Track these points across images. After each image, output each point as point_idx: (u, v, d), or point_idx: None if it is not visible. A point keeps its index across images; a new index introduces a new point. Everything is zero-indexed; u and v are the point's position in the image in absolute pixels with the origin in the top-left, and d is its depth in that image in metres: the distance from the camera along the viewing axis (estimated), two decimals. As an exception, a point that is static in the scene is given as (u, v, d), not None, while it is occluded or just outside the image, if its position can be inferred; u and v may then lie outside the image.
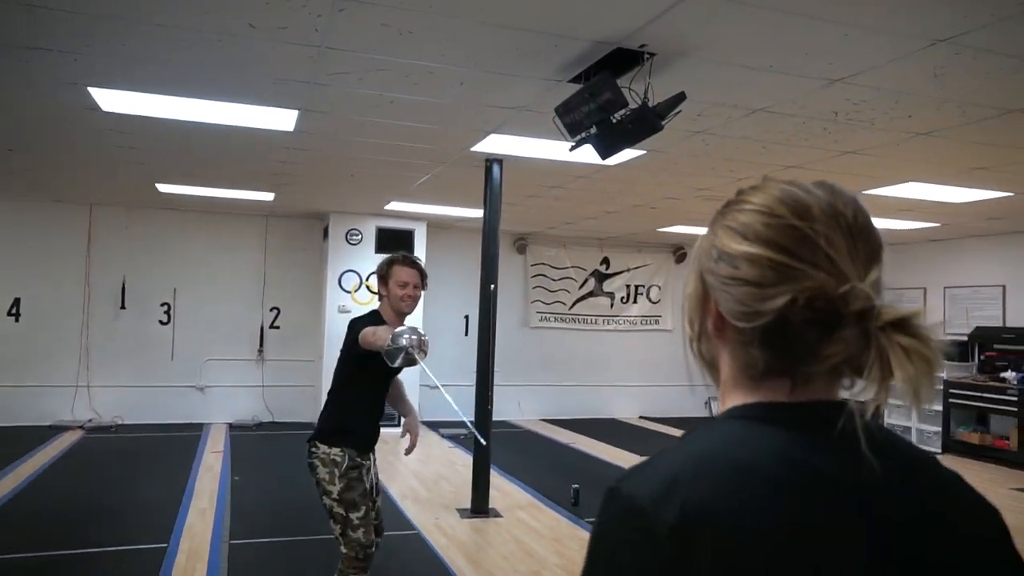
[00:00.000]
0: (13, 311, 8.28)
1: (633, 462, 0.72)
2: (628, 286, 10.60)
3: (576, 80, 3.43)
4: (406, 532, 4.83)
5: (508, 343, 9.16)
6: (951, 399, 8.15)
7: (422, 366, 2.75)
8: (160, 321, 8.79)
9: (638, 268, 10.60)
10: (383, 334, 2.79)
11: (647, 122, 3.03)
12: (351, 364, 3.04)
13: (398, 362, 2.75)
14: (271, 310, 9.19)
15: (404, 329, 2.78)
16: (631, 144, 3.30)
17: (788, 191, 0.72)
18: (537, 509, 5.55)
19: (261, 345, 9.10)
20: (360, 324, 2.99)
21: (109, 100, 4.15)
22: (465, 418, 4.26)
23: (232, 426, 8.68)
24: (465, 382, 6.13)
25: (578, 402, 10.24)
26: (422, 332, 2.80)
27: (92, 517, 4.96)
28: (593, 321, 10.44)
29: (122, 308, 8.59)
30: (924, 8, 2.61)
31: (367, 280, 8.66)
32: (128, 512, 5.14)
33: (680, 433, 0.78)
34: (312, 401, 8.44)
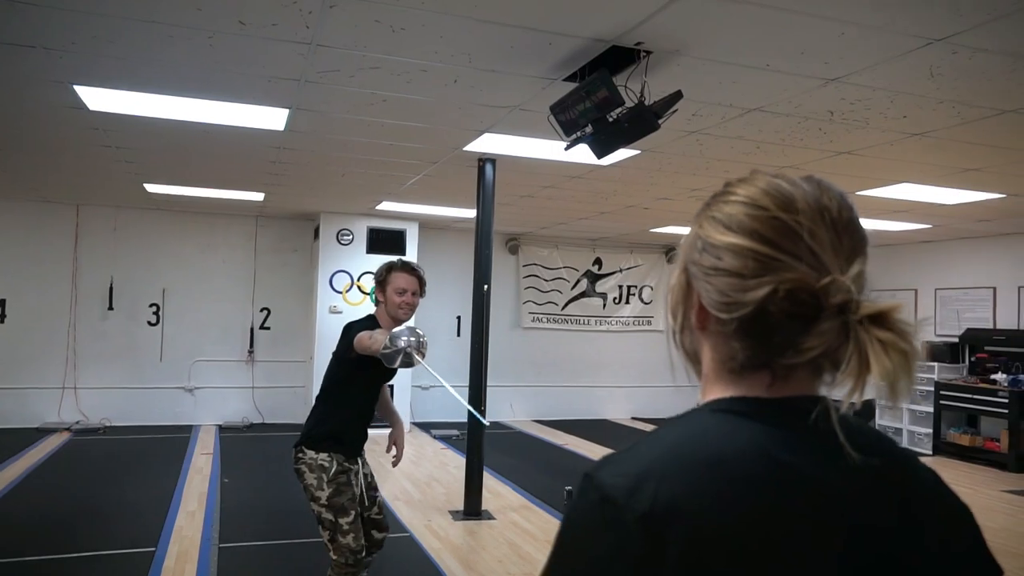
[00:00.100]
0: (-1, 312, 8.19)
1: None
2: (620, 287, 10.59)
3: (571, 79, 3.39)
4: (398, 535, 4.78)
5: (500, 344, 9.11)
6: (942, 401, 8.17)
7: (423, 364, 2.71)
8: (149, 322, 8.70)
9: (630, 269, 10.59)
10: (380, 338, 2.75)
11: (644, 121, 3.00)
12: (343, 368, 3.00)
13: (396, 363, 2.71)
14: (261, 311, 9.12)
15: (402, 330, 2.74)
16: (627, 143, 3.27)
17: (774, 183, 0.73)
18: (530, 511, 5.52)
19: (251, 346, 9.03)
20: (356, 328, 2.95)
21: (96, 99, 4.08)
22: (470, 407, 4.29)
23: (222, 428, 8.60)
24: (457, 383, 6.07)
25: (570, 403, 10.22)
26: (421, 333, 2.76)
27: (79, 520, 4.89)
28: (585, 322, 10.42)
29: (110, 309, 8.51)
30: (921, 7, 2.59)
31: (358, 280, 8.61)
32: (116, 515, 5.07)
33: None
34: (303, 402, 8.38)
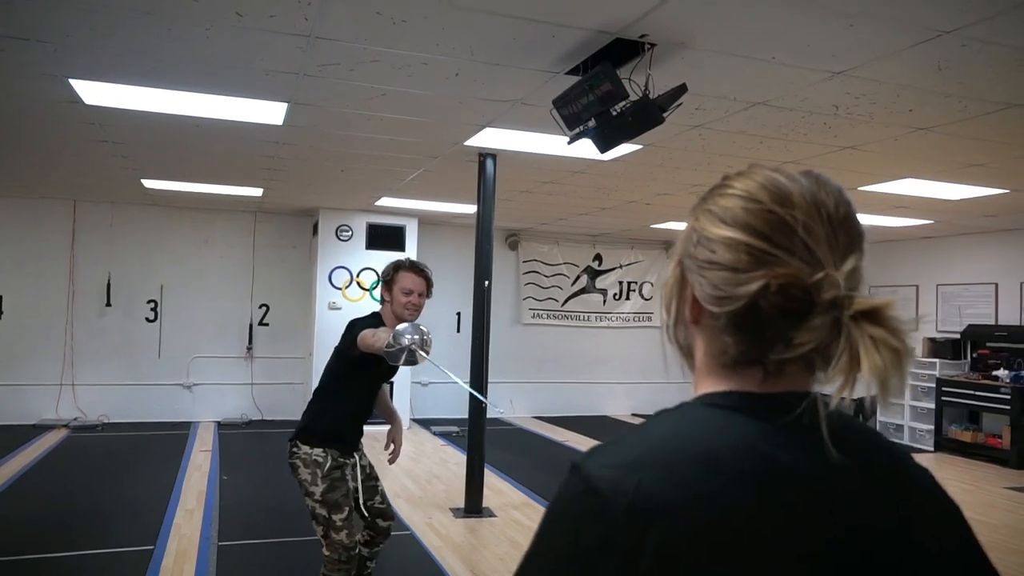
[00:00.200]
0: (-4, 308, 8.15)
1: None
2: (621, 283, 10.55)
3: (573, 72, 3.35)
4: (399, 533, 4.73)
5: (500, 340, 9.07)
6: (943, 397, 8.14)
7: (428, 360, 2.68)
8: (147, 318, 8.66)
9: (630, 265, 10.56)
10: (383, 336, 2.72)
11: (648, 115, 2.95)
12: (344, 365, 2.98)
13: (400, 361, 2.68)
14: (260, 307, 9.08)
15: (406, 327, 2.70)
16: (631, 137, 3.22)
17: (771, 178, 0.72)
18: (531, 508, 5.49)
19: (250, 342, 8.99)
20: (359, 326, 2.93)
21: (92, 93, 4.03)
22: (477, 393, 4.26)
23: (220, 424, 8.57)
24: (457, 378, 6.05)
25: (570, 399, 10.19)
26: (425, 330, 2.73)
27: (77, 518, 4.85)
28: (585, 318, 10.38)
29: (107, 305, 8.46)
30: (932, -2, 2.55)
31: (357, 277, 8.57)
32: (114, 513, 5.03)
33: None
34: (302, 399, 8.31)
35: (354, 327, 2.95)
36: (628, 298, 10.59)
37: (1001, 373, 7.70)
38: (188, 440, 7.62)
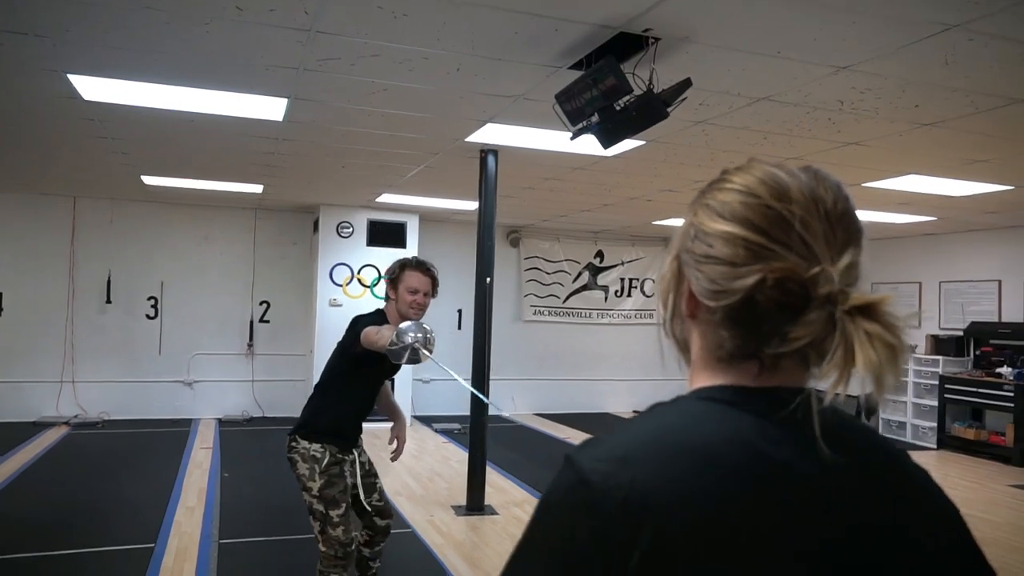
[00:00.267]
0: (-4, 305, 8.13)
1: None
2: (622, 279, 10.53)
3: (576, 67, 3.32)
4: (401, 531, 4.73)
5: (502, 337, 9.06)
6: (946, 394, 8.12)
7: (431, 359, 2.65)
8: (147, 315, 8.64)
9: (632, 261, 10.53)
10: (387, 333, 2.70)
11: (652, 109, 2.92)
12: (347, 361, 2.97)
13: (403, 360, 2.65)
14: (261, 304, 9.06)
15: (410, 325, 2.68)
16: (635, 133, 3.19)
17: (770, 172, 0.72)
18: (533, 506, 5.43)
19: (251, 339, 8.97)
20: (363, 322, 2.92)
21: (90, 88, 4.00)
22: (481, 395, 4.21)
23: (221, 421, 8.55)
24: (459, 376, 6.03)
25: (572, 396, 10.17)
26: (428, 328, 2.70)
27: (77, 516, 4.84)
28: (587, 315, 10.36)
29: (108, 302, 8.44)
30: (940, -9, 2.51)
31: (358, 273, 8.54)
32: (115, 511, 5.01)
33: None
34: (303, 396, 8.20)
35: (357, 323, 2.94)
36: (630, 295, 10.56)
37: (1004, 370, 7.68)
38: (189, 437, 7.61)
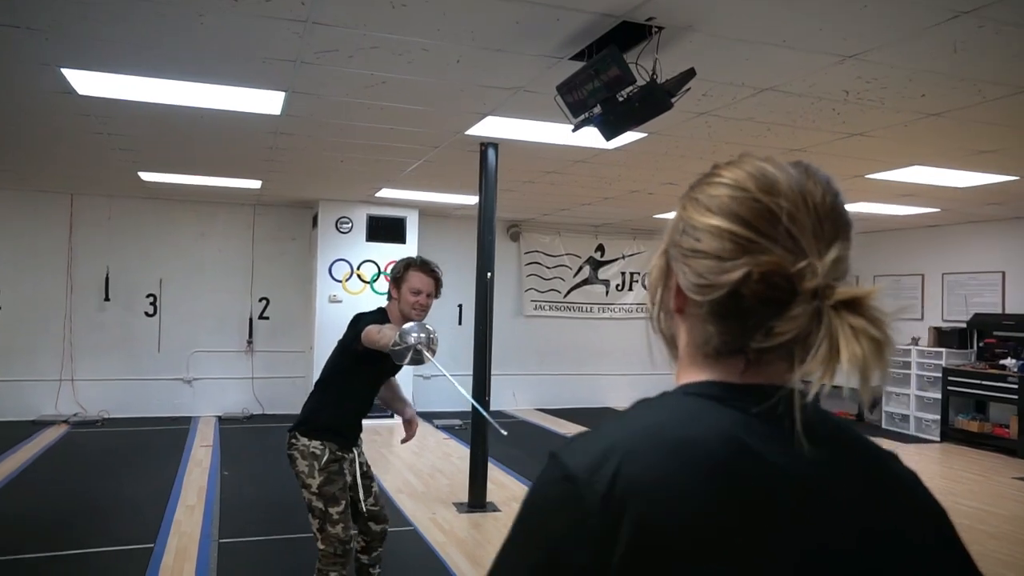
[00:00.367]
0: (-7, 303, 8.08)
1: None
2: (623, 273, 10.48)
3: (578, 57, 3.26)
4: (403, 528, 4.70)
5: (502, 332, 9.02)
6: (950, 387, 8.08)
7: (433, 363, 2.60)
8: (146, 313, 8.59)
9: (633, 255, 10.47)
10: (388, 333, 2.65)
11: (656, 100, 2.87)
12: (347, 359, 2.93)
13: (406, 361, 2.61)
14: (260, 300, 9.01)
15: (413, 326, 2.63)
16: (637, 124, 3.14)
17: (760, 167, 0.72)
18: (535, 502, 5.42)
19: (250, 336, 8.93)
20: (365, 320, 2.87)
21: (85, 83, 3.94)
22: (486, 414, 4.12)
23: (221, 419, 8.51)
24: (460, 372, 5.99)
25: (573, 391, 10.13)
26: (431, 329, 2.65)
27: (76, 515, 4.80)
28: (588, 309, 10.31)
29: (106, 300, 8.39)
30: (950, -23, 2.46)
31: (358, 269, 8.49)
32: (114, 510, 4.97)
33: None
34: (303, 392, 8.19)
35: (359, 321, 2.90)
36: (631, 289, 10.51)
37: (1008, 362, 7.64)
38: (188, 435, 7.57)
